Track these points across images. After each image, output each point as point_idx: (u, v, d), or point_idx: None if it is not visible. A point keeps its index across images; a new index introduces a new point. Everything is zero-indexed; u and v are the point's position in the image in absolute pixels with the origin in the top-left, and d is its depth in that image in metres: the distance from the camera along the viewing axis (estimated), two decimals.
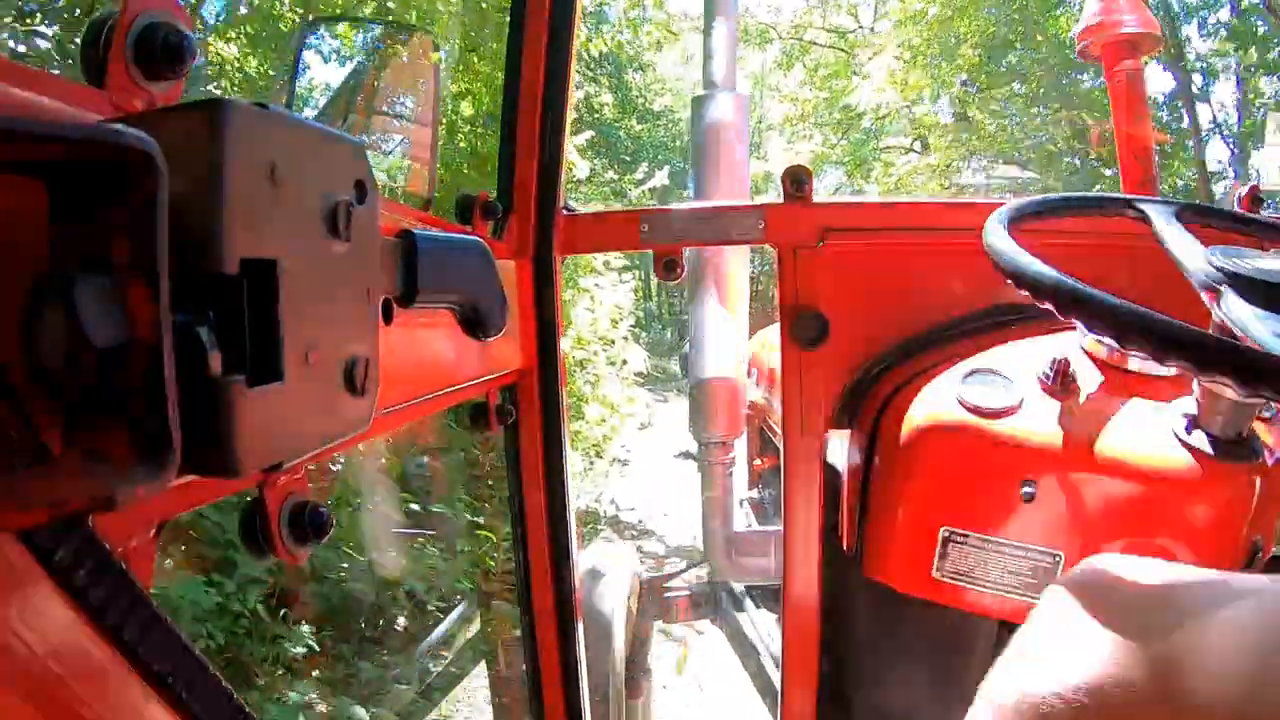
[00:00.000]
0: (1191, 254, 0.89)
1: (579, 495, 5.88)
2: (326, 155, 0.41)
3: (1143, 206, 1.01)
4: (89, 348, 0.28)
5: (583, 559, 2.12)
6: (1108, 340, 0.76)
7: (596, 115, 13.01)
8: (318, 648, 3.15)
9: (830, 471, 1.27)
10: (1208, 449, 0.95)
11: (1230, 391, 0.70)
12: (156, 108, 0.43)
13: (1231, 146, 11.54)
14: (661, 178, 7.56)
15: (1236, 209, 1.24)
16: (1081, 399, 1.03)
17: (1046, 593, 0.40)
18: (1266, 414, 1.01)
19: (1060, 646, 0.36)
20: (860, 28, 14.26)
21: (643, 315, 12.13)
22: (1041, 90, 11.52)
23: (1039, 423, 1.02)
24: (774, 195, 1.28)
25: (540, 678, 1.29)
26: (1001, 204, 0.99)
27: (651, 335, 13.53)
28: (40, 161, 0.28)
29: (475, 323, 0.60)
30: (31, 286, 0.27)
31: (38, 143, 0.27)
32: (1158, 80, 10.91)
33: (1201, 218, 1.02)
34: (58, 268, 0.28)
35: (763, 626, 3.06)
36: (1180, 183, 11.14)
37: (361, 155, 0.44)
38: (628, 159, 14.09)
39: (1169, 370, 0.99)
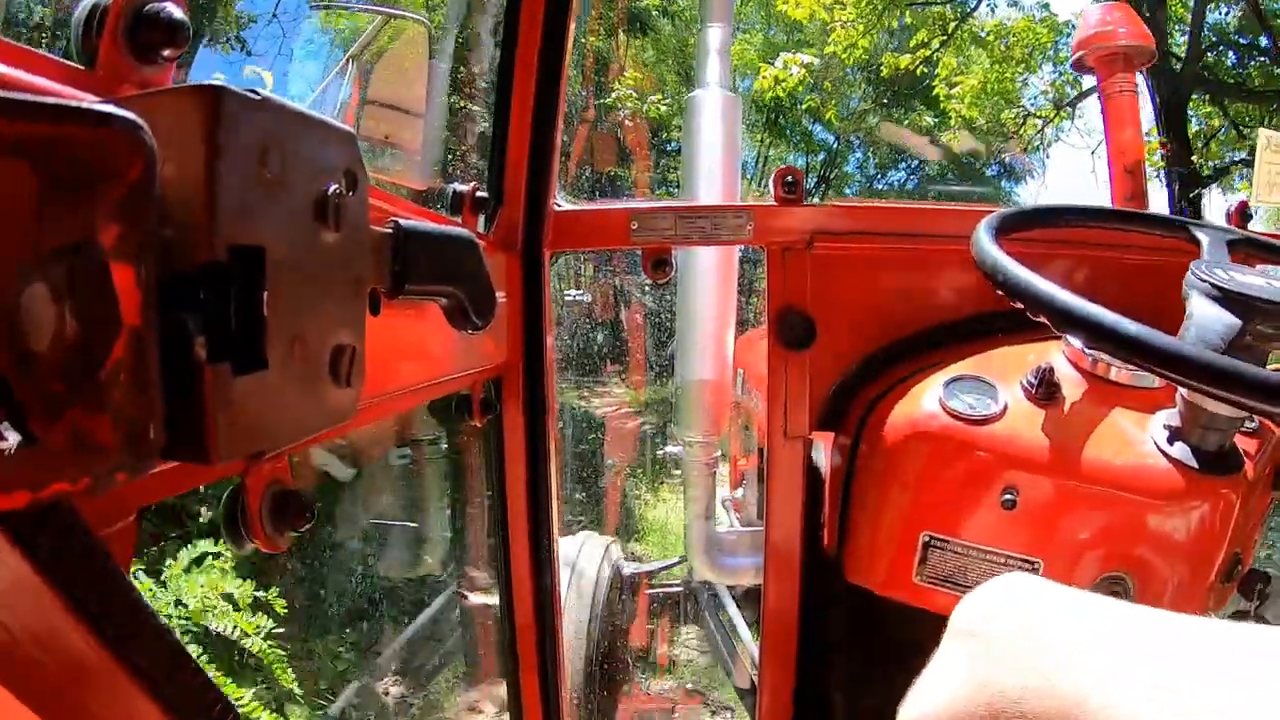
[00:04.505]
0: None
1: None
2: (318, 143, 0.41)
3: (1196, 232, 1.02)
4: (74, 332, 0.28)
5: (563, 552, 2.12)
6: (1095, 351, 0.77)
7: None
8: None
9: (813, 474, 1.27)
10: (1190, 461, 0.96)
11: (1212, 404, 0.71)
12: (148, 90, 0.42)
13: None
14: None
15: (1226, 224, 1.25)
16: (1065, 408, 1.03)
17: (954, 614, 0.39)
18: (1248, 427, 1.02)
19: (952, 671, 0.36)
20: None
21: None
22: None
23: (1022, 431, 1.02)
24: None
25: (519, 669, 1.28)
26: (991, 211, 0.99)
27: None
28: (26, 142, 0.28)
29: (463, 315, 0.59)
30: (17, 269, 0.27)
31: (22, 120, 0.27)
32: None
33: (1253, 250, 1.03)
34: (44, 250, 0.28)
35: (742, 626, 3.07)
36: None
37: (353, 144, 0.44)
38: None
39: (1153, 381, 1.00)
